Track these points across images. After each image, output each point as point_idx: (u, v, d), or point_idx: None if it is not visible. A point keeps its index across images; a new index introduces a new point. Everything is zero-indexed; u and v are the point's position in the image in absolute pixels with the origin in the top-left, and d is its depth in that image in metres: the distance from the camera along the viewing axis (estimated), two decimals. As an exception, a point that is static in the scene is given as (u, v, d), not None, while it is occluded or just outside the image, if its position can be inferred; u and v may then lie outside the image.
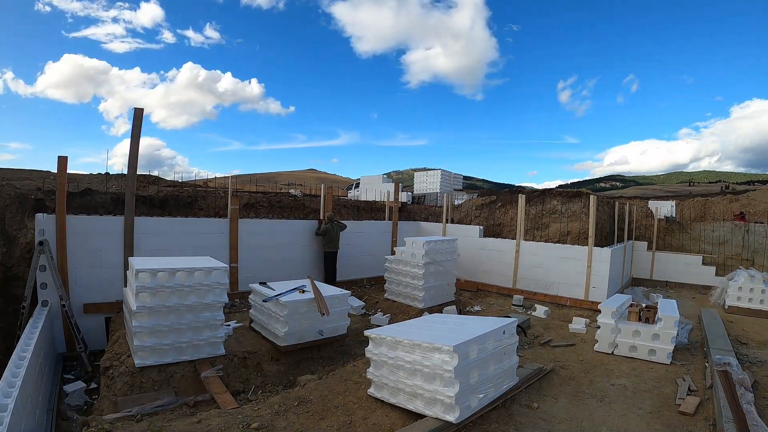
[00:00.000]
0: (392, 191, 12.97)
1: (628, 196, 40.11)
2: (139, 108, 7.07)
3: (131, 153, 7.07)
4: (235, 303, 7.79)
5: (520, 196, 10.82)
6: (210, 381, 4.82)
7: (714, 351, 5.71)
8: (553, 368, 5.53)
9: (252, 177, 33.32)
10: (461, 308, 8.93)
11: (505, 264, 10.56)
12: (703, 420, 4.24)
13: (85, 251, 6.65)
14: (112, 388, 4.65)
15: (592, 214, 9.57)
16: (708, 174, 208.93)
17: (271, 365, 5.62)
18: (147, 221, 7.52)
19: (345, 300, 6.41)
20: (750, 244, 13.63)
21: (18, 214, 8.01)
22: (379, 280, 10.20)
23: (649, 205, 16.72)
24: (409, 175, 32.45)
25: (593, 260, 9.16)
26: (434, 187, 28.51)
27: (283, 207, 13.87)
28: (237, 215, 8.44)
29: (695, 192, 77.63)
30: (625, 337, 6.15)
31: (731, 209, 15.81)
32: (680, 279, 12.73)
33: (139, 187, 11.40)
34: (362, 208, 16.22)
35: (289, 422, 3.91)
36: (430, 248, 8.28)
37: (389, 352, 4.22)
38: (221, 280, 5.33)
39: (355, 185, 28.68)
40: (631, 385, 5.06)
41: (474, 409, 3.97)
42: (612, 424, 4.14)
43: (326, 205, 10.30)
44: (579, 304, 9.23)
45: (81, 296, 6.61)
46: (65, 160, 6.42)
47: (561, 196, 15.21)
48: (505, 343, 4.52)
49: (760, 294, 9.04)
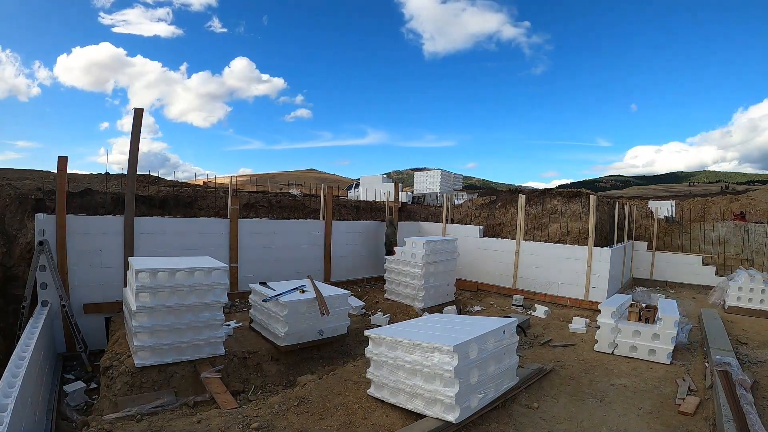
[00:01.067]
0: (392, 191, 12.97)
1: (628, 196, 40.14)
2: (138, 108, 7.08)
3: (131, 153, 7.08)
4: (235, 303, 7.79)
5: (520, 196, 10.82)
6: (210, 381, 4.82)
7: (714, 351, 5.70)
8: (553, 368, 5.53)
9: (252, 177, 33.35)
10: (461, 308, 8.93)
11: (505, 264, 10.56)
12: (703, 420, 4.23)
13: (85, 251, 6.65)
14: (112, 388, 4.65)
15: (592, 214, 9.57)
16: (708, 174, 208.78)
17: (271, 365, 5.62)
18: (147, 221, 7.52)
19: (345, 300, 6.41)
20: (750, 244, 13.64)
21: (18, 214, 8.01)
22: (379, 280, 10.20)
23: (649, 205, 16.74)
24: (409, 175, 32.43)
25: (593, 260, 9.16)
26: (434, 187, 28.51)
27: (283, 207, 13.88)
28: (237, 215, 8.44)
29: (695, 192, 77.59)
30: (625, 337, 6.15)
31: (731, 209, 15.81)
32: (680, 279, 12.72)
33: (139, 187, 11.41)
34: (362, 208, 16.22)
35: (289, 422, 3.91)
36: (430, 248, 8.28)
37: (389, 352, 4.22)
38: (221, 280, 5.33)
39: (355, 185, 28.69)
40: (631, 385, 5.06)
41: (474, 409, 3.97)
42: (612, 424, 4.13)
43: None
44: (579, 304, 9.23)
45: (81, 296, 6.61)
46: (65, 160, 6.43)
47: (561, 196, 15.21)
48: (505, 343, 4.52)
49: (760, 294, 9.03)
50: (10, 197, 8.11)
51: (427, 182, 29.68)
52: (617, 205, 12.94)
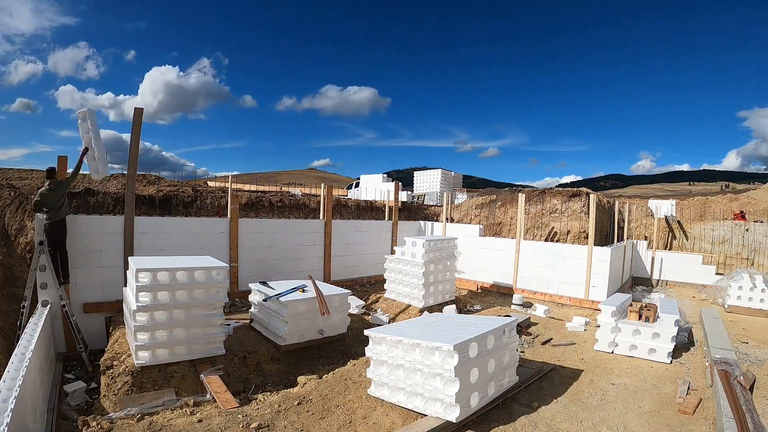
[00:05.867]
0: (392, 190, 12.96)
1: (628, 196, 40.12)
2: (138, 108, 7.07)
3: (131, 153, 7.07)
4: (235, 302, 7.79)
5: (520, 195, 10.82)
6: (210, 380, 4.82)
7: (714, 350, 5.71)
8: (554, 367, 5.54)
9: (252, 176, 33.30)
10: (461, 307, 8.94)
11: (505, 263, 10.56)
12: (703, 419, 4.24)
13: (85, 251, 6.64)
14: (112, 388, 4.65)
15: (592, 214, 9.56)
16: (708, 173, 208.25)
17: (271, 365, 5.62)
18: (147, 221, 7.51)
19: (345, 299, 6.42)
20: (750, 243, 13.63)
21: (18, 214, 8.01)
22: (379, 280, 10.19)
23: (649, 205, 16.73)
24: (409, 175, 32.40)
25: (593, 259, 9.16)
26: (434, 187, 28.46)
27: (284, 206, 13.88)
28: (237, 215, 8.44)
29: (695, 191, 77.50)
30: (625, 336, 6.15)
31: (731, 208, 15.81)
32: (680, 278, 12.72)
33: (139, 187, 11.41)
34: (362, 207, 16.22)
35: (289, 421, 3.91)
36: (430, 247, 8.28)
37: (389, 352, 4.22)
38: (221, 280, 5.33)
39: (355, 185, 28.66)
40: (631, 384, 5.06)
41: (474, 408, 3.97)
42: (612, 423, 4.14)
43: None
44: (579, 304, 9.23)
45: (81, 296, 6.60)
46: (65, 160, 6.42)
47: (561, 195, 15.22)
48: (505, 342, 4.52)
49: (760, 293, 9.05)
50: (10, 197, 8.11)
51: (427, 182, 29.61)
52: (617, 205, 12.95)
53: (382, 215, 14.91)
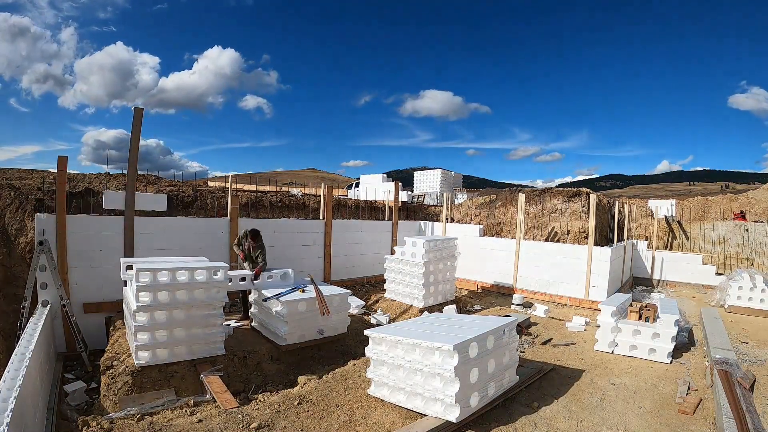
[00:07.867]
0: (392, 191, 12.97)
1: (628, 196, 40.12)
2: (139, 108, 7.07)
3: (131, 153, 7.06)
4: (235, 302, 7.79)
5: (520, 195, 10.82)
6: (210, 380, 4.82)
7: (714, 350, 5.71)
8: (554, 367, 5.54)
9: (253, 176, 33.33)
10: (461, 307, 8.94)
11: (505, 263, 10.56)
12: (703, 419, 4.24)
13: (85, 251, 6.64)
14: (112, 388, 4.65)
15: (592, 214, 9.57)
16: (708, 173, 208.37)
17: (271, 365, 5.62)
18: (147, 221, 7.51)
19: (345, 299, 6.42)
20: (750, 243, 13.64)
21: (18, 214, 8.01)
22: (379, 280, 10.19)
23: (649, 205, 16.74)
24: (409, 175, 32.52)
25: (593, 259, 9.16)
26: (434, 187, 28.48)
27: (284, 206, 13.89)
28: (237, 214, 8.44)
29: (695, 191, 77.52)
30: (625, 336, 6.15)
31: (731, 208, 15.81)
32: (680, 278, 12.73)
33: (139, 187, 11.40)
34: (362, 207, 16.23)
35: (289, 421, 3.91)
36: (430, 247, 8.28)
37: (389, 352, 4.22)
38: (221, 280, 5.33)
39: (356, 185, 28.68)
40: (631, 385, 5.06)
41: (474, 408, 3.97)
42: (612, 423, 4.14)
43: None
44: (579, 304, 9.23)
45: (81, 296, 6.60)
46: (65, 160, 6.42)
47: (561, 195, 15.22)
48: (505, 342, 4.52)
49: (760, 294, 9.05)
50: (10, 197, 8.11)
51: (428, 182, 29.63)
52: (617, 205, 12.95)
53: (382, 215, 14.92)
